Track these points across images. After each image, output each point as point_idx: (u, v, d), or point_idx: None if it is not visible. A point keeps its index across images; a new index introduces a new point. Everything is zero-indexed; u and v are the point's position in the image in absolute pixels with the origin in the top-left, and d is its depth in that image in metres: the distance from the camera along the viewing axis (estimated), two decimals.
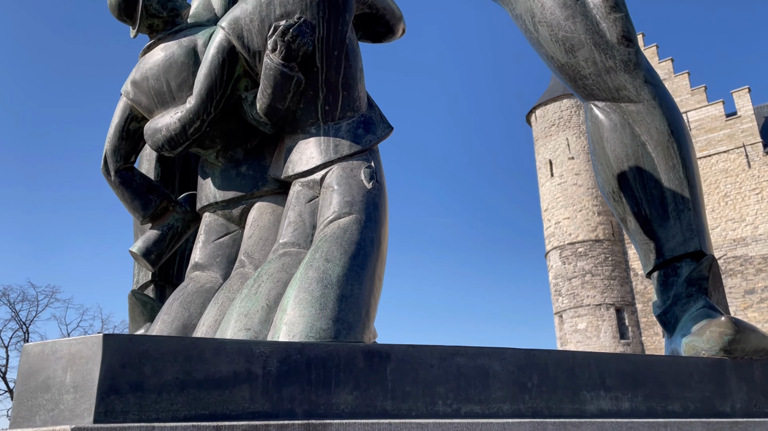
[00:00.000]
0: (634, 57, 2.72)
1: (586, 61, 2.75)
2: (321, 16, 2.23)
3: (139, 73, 2.42)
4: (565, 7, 2.76)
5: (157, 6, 2.42)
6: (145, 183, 2.50)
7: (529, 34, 2.96)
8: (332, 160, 2.22)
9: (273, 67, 2.17)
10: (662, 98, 2.73)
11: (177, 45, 2.37)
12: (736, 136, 33.57)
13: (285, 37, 2.16)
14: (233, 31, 2.25)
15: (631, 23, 2.77)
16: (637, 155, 2.70)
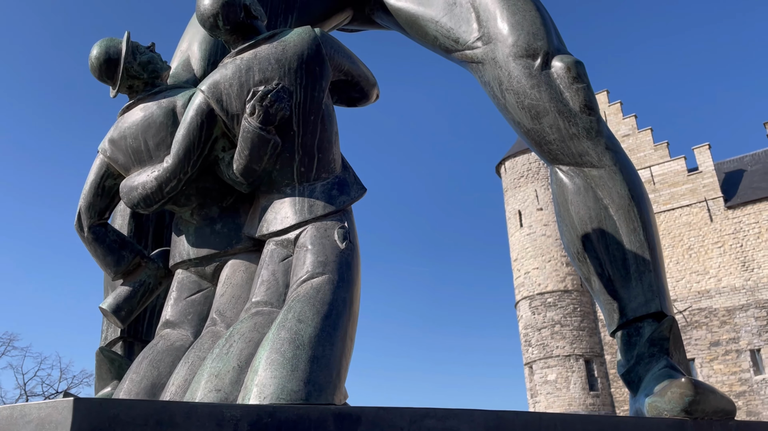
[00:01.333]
0: (595, 125, 2.86)
1: (550, 128, 2.88)
2: (298, 83, 2.32)
3: (117, 131, 2.46)
4: (530, 76, 2.91)
5: (138, 68, 2.49)
6: (118, 239, 2.51)
7: (496, 100, 3.10)
8: (306, 220, 2.27)
9: (251, 130, 2.24)
10: (623, 164, 2.86)
11: (156, 105, 2.43)
12: (698, 191, 34.68)
13: (263, 101, 2.23)
14: (213, 94, 2.33)
15: (593, 93, 2.93)
16: (600, 218, 2.81)
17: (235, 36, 2.41)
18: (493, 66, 3.03)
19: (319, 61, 2.35)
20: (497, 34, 3.01)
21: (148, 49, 2.55)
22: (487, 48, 3.06)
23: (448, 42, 3.23)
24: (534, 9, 3.04)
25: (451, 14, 3.21)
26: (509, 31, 2.98)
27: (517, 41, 2.95)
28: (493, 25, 3.04)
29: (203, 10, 2.39)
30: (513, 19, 3.00)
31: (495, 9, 3.06)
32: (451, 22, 3.20)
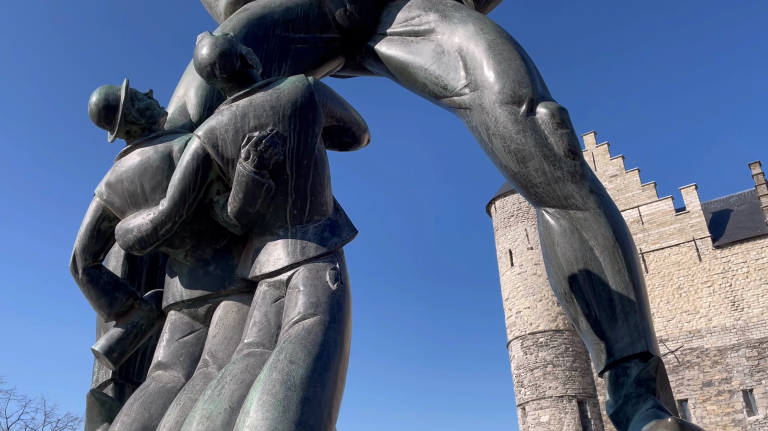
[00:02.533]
0: (579, 169, 2.95)
1: (536, 171, 2.97)
2: (292, 129, 2.40)
3: (114, 175, 2.52)
4: (516, 122, 3.00)
5: (136, 114, 2.56)
6: (112, 281, 2.54)
7: (484, 144, 3.19)
8: (299, 262, 2.32)
9: (245, 174, 2.31)
10: (606, 206, 2.95)
11: (153, 150, 2.50)
12: (686, 230, 34.99)
13: (258, 146, 2.31)
14: (209, 140, 2.40)
15: (576, 138, 3.03)
16: (585, 259, 2.87)
17: (231, 84, 2.49)
18: (480, 112, 3.13)
19: (312, 107, 2.44)
20: (484, 82, 3.12)
21: (146, 95, 2.63)
22: (474, 95, 3.16)
23: (436, 89, 3.34)
24: (519, 58, 3.16)
25: (440, 62, 3.32)
26: (495, 78, 3.09)
27: (503, 88, 3.06)
28: (480, 73, 3.15)
29: (201, 59, 2.48)
30: (499, 67, 3.11)
31: (481, 58, 3.17)
32: (440, 69, 3.32)
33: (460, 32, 3.30)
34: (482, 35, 3.24)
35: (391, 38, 3.58)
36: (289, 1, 3.54)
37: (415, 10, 3.53)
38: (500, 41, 3.21)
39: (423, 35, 3.46)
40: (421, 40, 3.46)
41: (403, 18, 3.55)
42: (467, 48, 3.24)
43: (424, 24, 3.46)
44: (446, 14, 3.42)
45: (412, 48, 3.47)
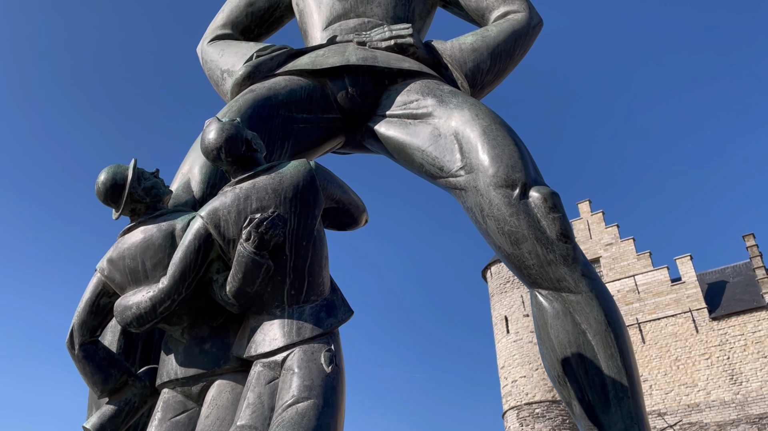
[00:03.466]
0: (572, 252, 3.02)
1: (529, 253, 3.04)
2: (293, 211, 2.47)
3: (116, 252, 2.58)
4: (509, 205, 3.10)
5: (142, 193, 2.64)
6: (108, 357, 2.55)
7: (478, 225, 3.27)
8: (294, 343, 2.34)
9: (246, 255, 2.37)
10: (598, 290, 3.00)
11: (156, 228, 2.56)
12: (683, 301, 34.87)
13: (259, 228, 2.38)
14: (211, 220, 2.47)
15: (568, 222, 3.11)
16: (578, 343, 2.90)
17: (236, 167, 2.59)
18: (475, 193, 3.23)
19: (313, 191, 2.53)
20: (479, 165, 3.23)
21: (153, 174, 2.72)
22: (469, 177, 3.27)
23: (433, 169, 3.45)
24: (512, 143, 3.28)
25: (436, 144, 3.45)
26: (490, 162, 3.21)
27: (497, 172, 3.17)
28: (475, 156, 3.27)
29: (208, 143, 2.58)
30: (493, 152, 3.23)
31: (476, 142, 3.30)
32: (436, 151, 3.44)
33: (457, 117, 3.43)
34: (477, 121, 3.37)
35: (391, 120, 3.71)
36: (294, 84, 3.70)
37: (413, 95, 3.68)
38: (495, 127, 3.34)
39: (421, 118, 3.59)
40: (419, 122, 3.60)
41: (402, 101, 3.70)
42: (463, 132, 3.37)
43: (422, 108, 3.60)
44: (443, 99, 3.56)
45: (410, 130, 3.60)
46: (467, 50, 3.96)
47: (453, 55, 3.94)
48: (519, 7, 4.20)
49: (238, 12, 4.51)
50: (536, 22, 4.23)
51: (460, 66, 3.91)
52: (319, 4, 4.26)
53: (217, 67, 4.15)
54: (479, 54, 3.95)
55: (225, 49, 4.20)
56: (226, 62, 4.09)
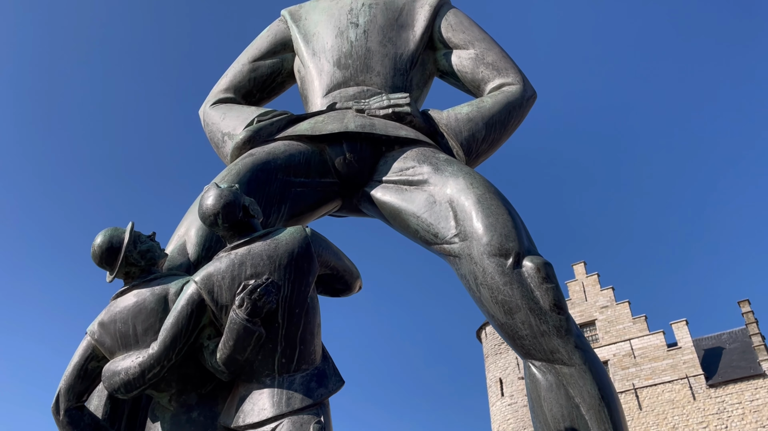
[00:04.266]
0: (565, 324, 3.02)
1: (523, 324, 3.03)
2: (287, 278, 2.48)
3: (108, 315, 2.57)
4: (503, 274, 3.11)
5: (137, 256, 2.65)
6: (93, 423, 2.50)
7: (472, 292, 3.28)
8: (283, 413, 2.31)
9: (237, 322, 2.36)
10: (592, 363, 2.98)
11: (149, 292, 2.56)
12: (679, 367, 34.42)
13: (252, 295, 2.38)
14: (205, 286, 2.47)
15: (561, 293, 3.12)
16: (572, 416, 2.86)
17: (232, 233, 2.61)
18: (469, 261, 3.25)
19: (308, 258, 2.54)
20: (473, 233, 3.27)
21: (149, 237, 2.74)
22: (463, 244, 3.30)
23: (428, 235, 3.48)
24: (506, 212, 3.33)
25: (431, 211, 3.49)
26: (484, 231, 3.24)
27: (491, 241, 3.20)
28: (469, 224, 3.31)
29: (205, 208, 2.61)
30: (487, 220, 3.27)
31: (471, 210, 3.34)
32: (431, 218, 3.48)
33: (452, 185, 3.49)
34: (472, 189, 3.43)
35: (387, 185, 3.77)
36: (293, 149, 3.77)
37: (410, 162, 3.75)
38: (489, 196, 3.40)
39: (417, 185, 3.65)
40: (414, 189, 3.65)
41: (398, 167, 3.76)
42: (458, 200, 3.42)
43: (418, 175, 3.66)
44: (439, 167, 3.63)
45: (406, 196, 3.66)
46: (463, 120, 4.06)
47: (449, 125, 4.04)
48: (513, 80, 4.33)
49: (241, 77, 4.63)
50: (530, 94, 4.35)
51: (456, 135, 4.00)
52: (320, 71, 4.39)
53: (218, 130, 4.24)
54: (474, 124, 4.05)
55: (227, 113, 4.30)
56: (227, 125, 4.17)
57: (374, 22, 4.54)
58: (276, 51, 4.72)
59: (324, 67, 4.37)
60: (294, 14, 4.83)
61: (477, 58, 4.45)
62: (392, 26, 4.54)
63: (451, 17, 4.64)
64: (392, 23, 4.56)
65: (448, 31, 4.57)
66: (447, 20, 4.62)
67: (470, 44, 4.51)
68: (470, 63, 4.46)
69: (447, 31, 4.57)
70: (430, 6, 4.66)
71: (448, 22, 4.61)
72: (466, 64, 4.47)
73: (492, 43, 4.56)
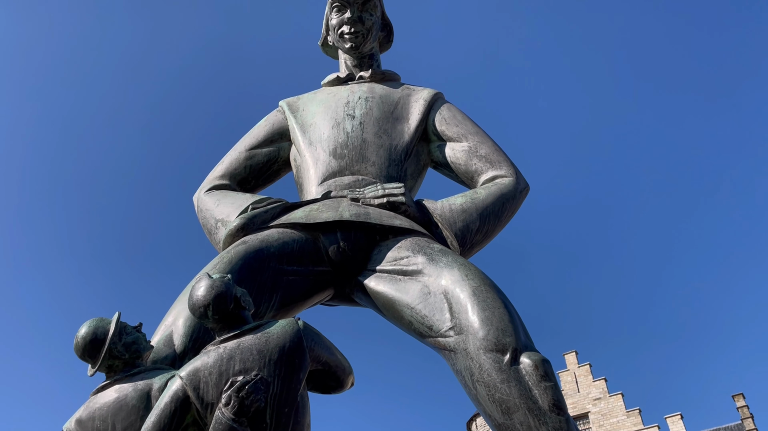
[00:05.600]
0: (565, 425, 2.90)
1: (521, 424, 2.91)
2: (277, 374, 2.38)
3: (86, 412, 2.43)
4: (500, 371, 3.01)
5: (122, 349, 2.55)
6: None
7: (468, 389, 3.16)
8: None
9: (223, 422, 2.24)
10: None
11: (132, 388, 2.44)
12: None
13: (240, 392, 2.27)
14: (191, 382, 2.36)
15: (560, 392, 3.02)
16: None
17: (222, 325, 2.53)
18: (464, 356, 3.15)
19: (300, 353, 2.45)
20: (469, 327, 3.19)
21: (135, 329, 2.64)
22: (459, 338, 3.21)
23: (422, 328, 3.40)
24: (502, 306, 3.27)
25: (426, 302, 3.43)
26: (480, 325, 3.17)
27: (487, 335, 3.12)
28: (465, 317, 3.23)
29: (196, 299, 2.54)
30: (483, 314, 3.20)
31: (466, 302, 3.28)
32: (426, 309, 3.41)
33: (447, 276, 3.45)
34: (467, 281, 3.38)
35: (381, 275, 3.72)
36: (287, 237, 3.74)
37: (404, 251, 3.72)
38: (484, 288, 3.35)
39: (411, 275, 3.61)
40: (409, 279, 3.60)
41: (392, 257, 3.73)
42: (453, 292, 3.37)
43: (413, 265, 3.63)
44: (433, 257, 3.60)
45: (400, 286, 3.60)
46: (457, 210, 4.08)
47: (443, 215, 4.05)
48: (507, 172, 4.40)
49: (237, 164, 4.67)
50: (523, 187, 4.41)
51: (451, 225, 4.01)
52: (316, 160, 4.44)
53: (211, 216, 4.22)
54: (469, 215, 4.07)
55: (221, 199, 4.30)
56: (221, 212, 4.16)
57: (370, 114, 4.65)
58: (273, 140, 4.79)
59: (320, 156, 4.43)
60: (292, 105, 4.94)
61: (470, 150, 4.54)
62: (388, 119, 4.65)
63: (444, 111, 4.77)
64: (388, 116, 4.67)
65: (441, 124, 4.68)
66: (441, 114, 4.74)
67: (464, 137, 4.61)
68: (464, 155, 4.54)
69: (441, 125, 4.68)
70: (424, 100, 4.79)
71: (442, 116, 4.72)
72: (459, 157, 4.55)
73: (485, 136, 4.66)
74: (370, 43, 5.07)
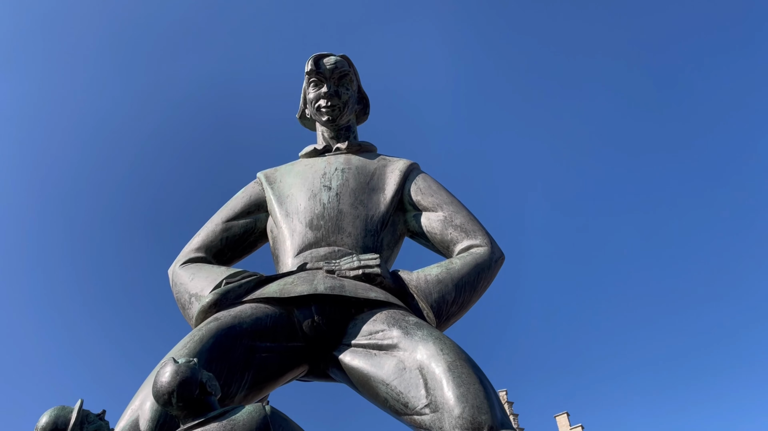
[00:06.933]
0: None
1: None
2: None
3: None
4: None
5: None
6: None
7: None
8: None
9: None
10: None
11: None
12: None
13: None
14: None
15: None
16: None
17: (186, 412, 2.47)
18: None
19: None
20: (444, 404, 3.13)
21: (98, 416, 2.57)
22: (434, 416, 3.15)
23: (397, 405, 3.33)
24: (477, 382, 3.22)
25: (401, 378, 3.37)
26: (455, 402, 3.11)
27: (462, 413, 3.06)
28: (440, 394, 3.18)
29: (159, 386, 2.49)
30: (458, 391, 3.15)
31: (441, 379, 3.23)
32: (401, 386, 3.35)
33: (422, 350, 3.41)
34: (442, 356, 3.34)
35: (356, 350, 3.67)
36: (260, 312, 3.70)
37: (379, 325, 3.68)
38: (459, 363, 3.31)
39: (386, 349, 3.56)
40: (384, 354, 3.55)
41: (367, 331, 3.69)
42: (428, 367, 3.32)
43: (388, 339, 3.58)
44: (408, 331, 3.56)
45: (375, 361, 3.54)
46: (432, 281, 4.08)
47: (419, 286, 4.04)
48: (481, 242, 4.42)
49: (213, 236, 4.65)
50: (498, 256, 4.42)
51: (426, 297, 3.99)
52: (292, 232, 4.44)
53: (185, 291, 4.17)
54: (444, 286, 4.06)
55: (196, 273, 4.26)
56: (195, 286, 4.12)
57: (346, 186, 4.69)
58: (250, 211, 4.80)
59: (296, 228, 4.43)
60: (269, 177, 4.98)
61: (446, 220, 4.57)
62: (364, 189, 4.69)
63: (420, 181, 4.83)
64: (364, 187, 4.71)
65: (417, 194, 4.73)
66: (416, 184, 4.80)
67: (439, 207, 4.65)
68: (439, 225, 4.57)
69: (416, 195, 4.73)
70: (400, 171, 4.86)
71: (417, 186, 4.78)
72: (435, 226, 4.58)
73: (460, 206, 4.71)
74: (347, 116, 5.17)
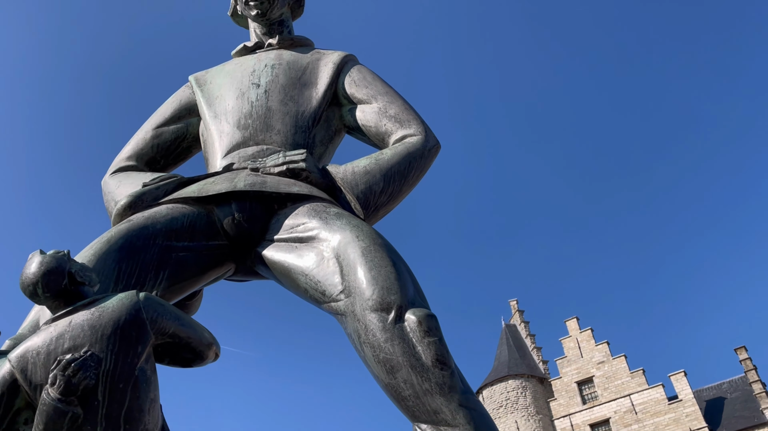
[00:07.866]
0: (448, 380, 2.77)
1: (405, 383, 2.79)
2: (110, 349, 2.25)
3: None
4: (384, 330, 2.89)
5: None
6: None
7: (358, 352, 3.04)
8: None
9: (47, 403, 2.11)
10: (477, 423, 2.72)
11: None
12: (682, 420, 33.35)
13: (66, 371, 2.14)
14: (18, 364, 2.24)
15: (445, 347, 2.89)
16: None
17: (57, 302, 2.40)
18: (353, 319, 3.03)
19: (137, 326, 2.32)
20: (356, 288, 3.07)
21: None
22: (348, 301, 3.09)
23: (316, 294, 3.28)
24: (390, 264, 3.13)
25: (319, 268, 3.30)
26: (366, 285, 3.04)
27: (372, 295, 2.99)
28: (353, 279, 3.11)
29: (24, 278, 2.41)
30: (370, 274, 3.07)
31: (355, 263, 3.15)
32: (320, 275, 3.28)
33: (338, 238, 3.32)
34: (357, 242, 3.25)
35: (278, 244, 3.59)
36: (176, 211, 3.60)
37: (301, 218, 3.59)
38: (374, 248, 3.22)
39: (306, 242, 3.48)
40: (304, 246, 3.47)
41: (289, 225, 3.60)
42: (344, 254, 3.24)
43: (308, 231, 3.50)
44: (328, 221, 3.47)
45: (296, 254, 3.47)
46: (360, 173, 3.93)
47: (345, 178, 3.91)
48: (415, 131, 4.24)
49: (143, 144, 4.51)
50: (432, 144, 4.25)
51: (352, 188, 3.86)
52: (220, 133, 4.29)
53: (112, 199, 4.08)
54: (372, 176, 3.92)
55: (123, 180, 4.16)
56: (120, 193, 4.02)
57: (276, 82, 4.48)
58: (181, 116, 4.63)
59: (224, 129, 4.27)
60: (200, 79, 4.78)
61: (380, 111, 4.38)
62: (294, 85, 4.48)
63: (354, 73, 4.60)
64: (295, 82, 4.50)
65: (351, 86, 4.51)
66: (351, 76, 4.57)
67: (373, 98, 4.44)
68: (374, 116, 4.38)
69: (350, 87, 4.51)
70: (333, 63, 4.62)
71: (351, 78, 4.55)
72: (369, 118, 4.39)
73: (395, 95, 4.50)
74: (278, 9, 4.88)
